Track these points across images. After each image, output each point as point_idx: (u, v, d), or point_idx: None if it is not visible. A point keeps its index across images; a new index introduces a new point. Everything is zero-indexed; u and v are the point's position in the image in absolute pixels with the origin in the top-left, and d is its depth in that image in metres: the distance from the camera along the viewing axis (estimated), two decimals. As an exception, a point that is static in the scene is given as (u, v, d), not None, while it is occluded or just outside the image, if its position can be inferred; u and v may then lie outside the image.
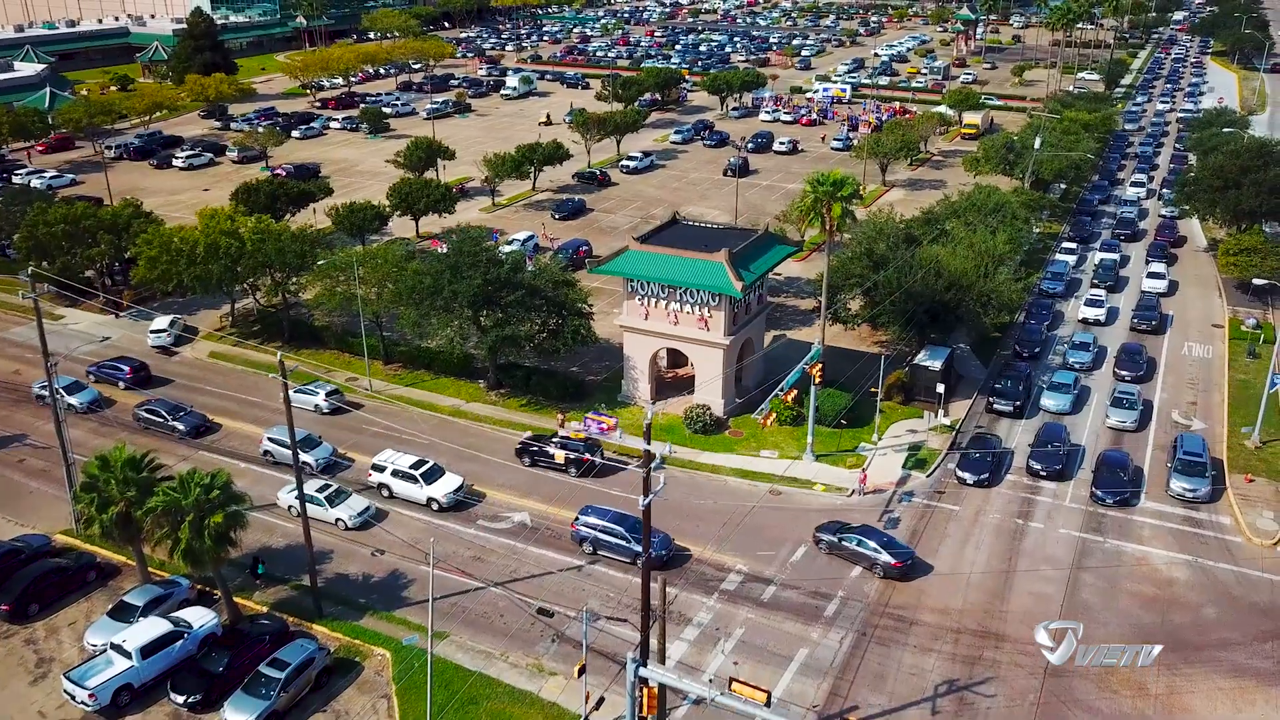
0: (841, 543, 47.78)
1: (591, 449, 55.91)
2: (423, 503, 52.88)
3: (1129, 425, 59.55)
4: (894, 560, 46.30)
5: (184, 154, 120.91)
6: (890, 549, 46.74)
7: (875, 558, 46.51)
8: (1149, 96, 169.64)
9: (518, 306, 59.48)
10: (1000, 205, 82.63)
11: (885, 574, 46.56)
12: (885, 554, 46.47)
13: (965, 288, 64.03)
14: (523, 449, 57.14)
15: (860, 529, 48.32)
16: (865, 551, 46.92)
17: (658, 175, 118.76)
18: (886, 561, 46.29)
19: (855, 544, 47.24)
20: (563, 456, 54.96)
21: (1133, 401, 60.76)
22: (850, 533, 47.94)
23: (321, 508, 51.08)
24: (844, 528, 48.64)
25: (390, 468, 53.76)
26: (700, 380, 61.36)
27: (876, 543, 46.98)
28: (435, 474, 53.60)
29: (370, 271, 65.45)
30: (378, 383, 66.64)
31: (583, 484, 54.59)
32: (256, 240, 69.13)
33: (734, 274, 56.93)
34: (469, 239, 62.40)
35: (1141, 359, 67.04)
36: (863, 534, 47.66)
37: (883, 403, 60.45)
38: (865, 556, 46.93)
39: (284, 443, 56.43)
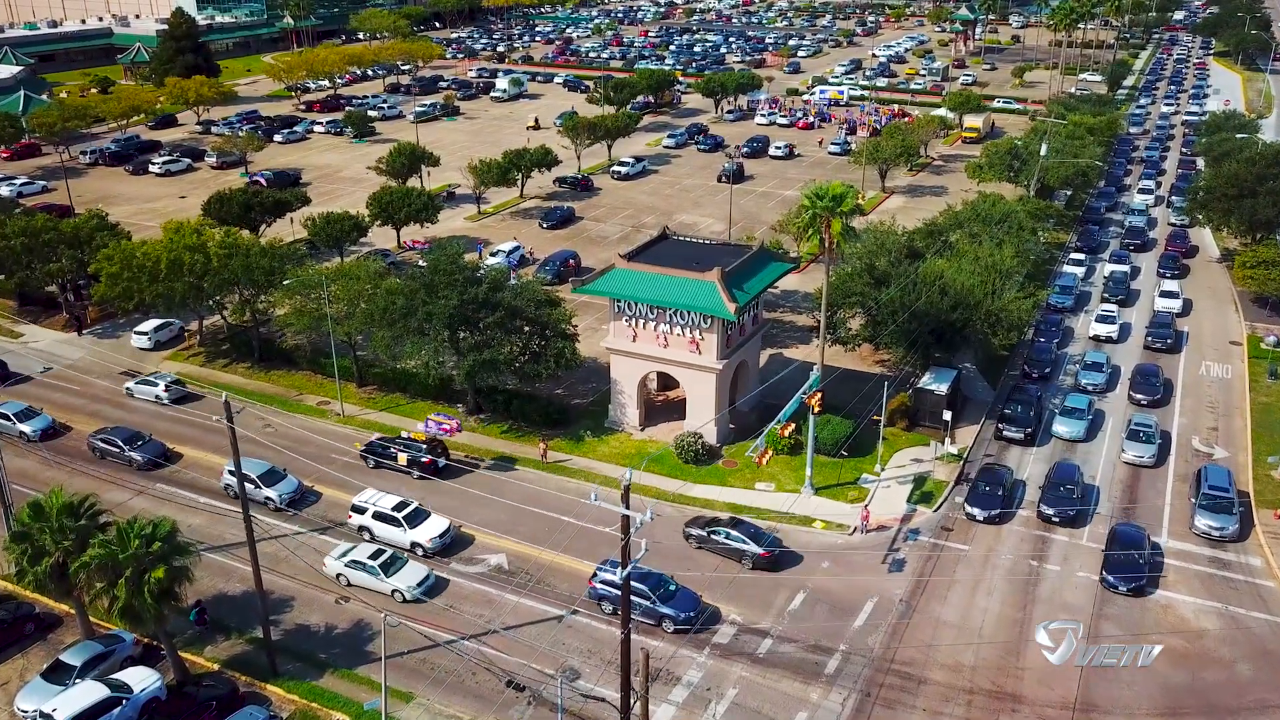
0: (711, 537, 47.73)
1: (434, 449, 54.93)
2: (406, 548, 48.47)
3: (1146, 460, 55.59)
4: (762, 550, 46.40)
5: (160, 160, 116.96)
6: (758, 539, 46.82)
7: (744, 549, 46.49)
8: (1152, 98, 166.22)
9: (496, 328, 55.77)
10: (1006, 215, 79.17)
11: (755, 564, 46.55)
12: (753, 545, 46.46)
13: (972, 306, 60.47)
14: (368, 450, 56.12)
15: (729, 522, 48.29)
16: (734, 544, 46.89)
17: (650, 181, 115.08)
18: (755, 552, 46.37)
19: (724, 537, 47.24)
20: (405, 459, 54.33)
21: (1150, 434, 56.59)
22: (719, 526, 47.95)
23: (374, 576, 45.08)
24: (713, 521, 48.61)
25: (371, 509, 49.56)
26: (692, 406, 57.71)
27: (745, 534, 46.92)
28: (419, 517, 49.32)
29: (341, 289, 61.71)
30: (350, 407, 62.90)
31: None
32: (223, 256, 65.43)
33: (727, 295, 53.27)
34: (445, 256, 58.66)
35: (1157, 381, 63.46)
36: (731, 527, 47.73)
37: (886, 429, 56.85)
38: (735, 549, 46.88)
39: (247, 476, 52.84)
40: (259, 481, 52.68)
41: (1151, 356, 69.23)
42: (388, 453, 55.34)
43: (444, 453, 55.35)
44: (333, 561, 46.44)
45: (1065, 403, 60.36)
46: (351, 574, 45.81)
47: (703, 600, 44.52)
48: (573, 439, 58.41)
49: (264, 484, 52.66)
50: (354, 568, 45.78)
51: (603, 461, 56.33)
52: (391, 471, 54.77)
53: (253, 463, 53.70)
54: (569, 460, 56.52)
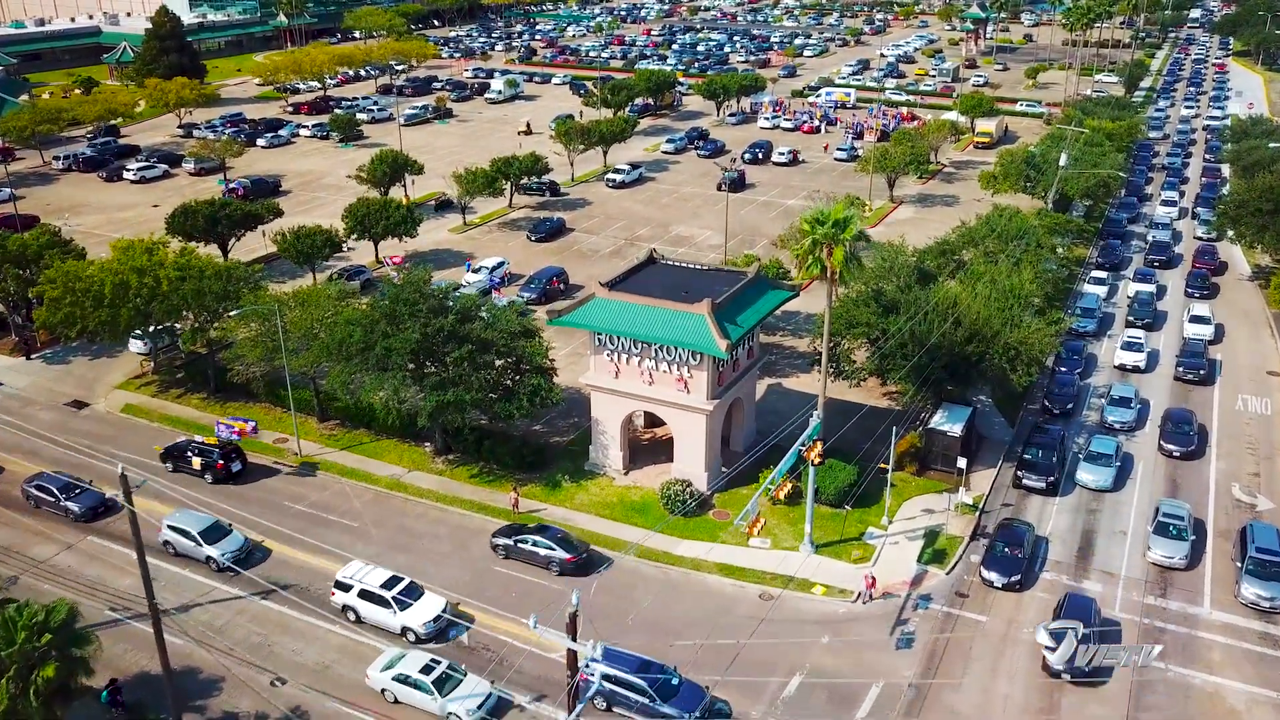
0: (518, 545, 47.02)
1: (228, 454, 53.94)
2: (396, 632, 42.39)
3: (1178, 562, 46.06)
4: (568, 556, 45.89)
5: (135, 166, 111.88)
6: (564, 545, 46.33)
7: (550, 555, 46.01)
8: (1171, 100, 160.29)
9: (463, 364, 50.45)
10: (1023, 231, 73.70)
11: (561, 570, 45.83)
12: (560, 551, 45.96)
13: (988, 338, 55.03)
14: (166, 454, 55.09)
15: (535, 529, 47.75)
16: (540, 551, 46.39)
17: (646, 189, 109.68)
18: (561, 558, 45.88)
19: (531, 544, 46.70)
20: (199, 462, 53.37)
21: (1182, 529, 47.01)
22: (526, 534, 47.34)
23: (429, 696, 38.14)
24: (519, 529, 48.00)
25: (357, 586, 43.43)
26: (680, 449, 52.39)
27: (551, 540, 46.52)
28: (411, 595, 43.12)
29: (299, 317, 56.47)
30: (309, 445, 57.69)
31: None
32: (175, 278, 60.29)
33: (717, 330, 47.95)
34: (410, 283, 53.37)
35: (1191, 430, 56.83)
36: (537, 534, 47.16)
37: (894, 474, 51.52)
38: (540, 556, 46.35)
39: (188, 533, 47.61)
40: (200, 538, 47.34)
41: (1182, 390, 63.66)
42: (185, 457, 54.17)
43: (239, 457, 54.55)
44: (377, 675, 39.43)
45: (1090, 447, 54.78)
46: (400, 690, 39.05)
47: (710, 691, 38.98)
48: (549, 485, 53.15)
49: (205, 541, 47.31)
50: (402, 683, 39.03)
51: (581, 512, 51.04)
52: (189, 476, 53.85)
53: (194, 516, 48.58)
54: (543, 510, 51.24)
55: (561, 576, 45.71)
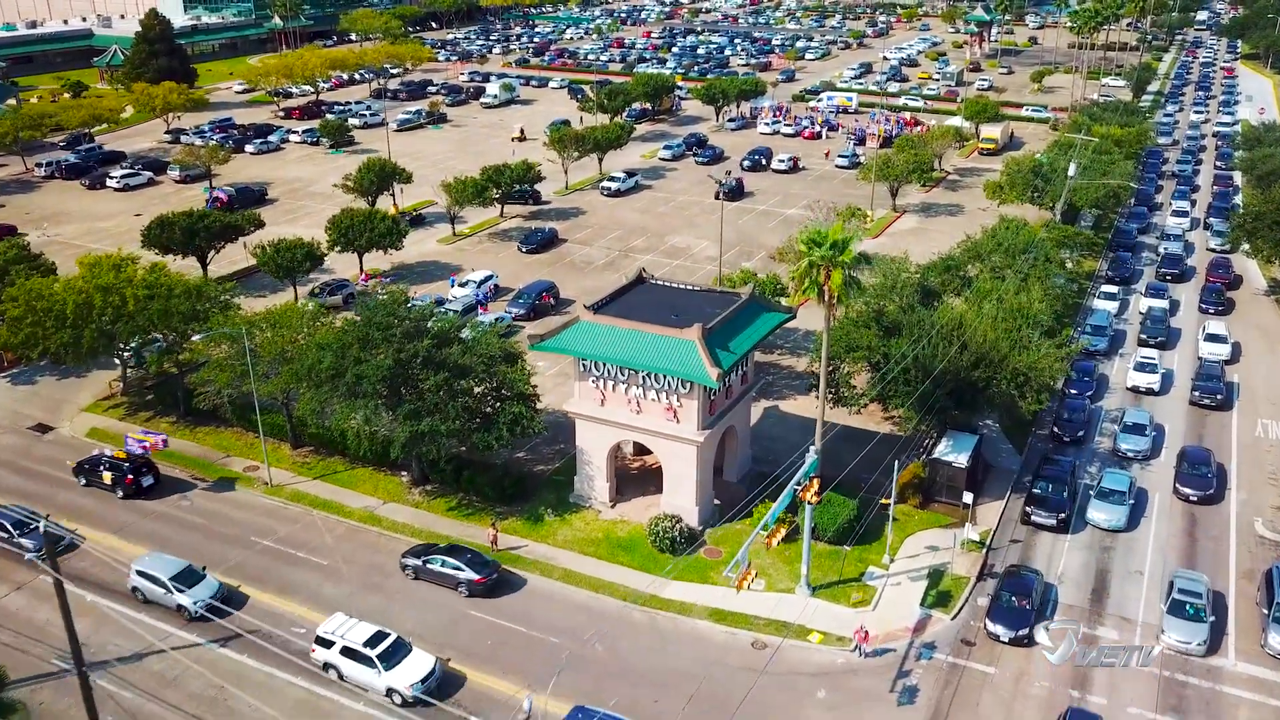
0: (426, 565, 45.69)
1: (139, 469, 52.60)
2: (381, 693, 39.28)
3: (1195, 648, 40.94)
4: (477, 577, 44.59)
5: (119, 174, 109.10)
6: (474, 566, 44.96)
7: (458, 576, 44.76)
8: (1180, 105, 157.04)
9: (439, 391, 47.55)
10: (1030, 244, 70.79)
11: (470, 592, 44.58)
12: (469, 571, 44.67)
13: (996, 363, 52.09)
14: (78, 468, 53.93)
15: (446, 549, 46.30)
16: (449, 571, 45.06)
17: (642, 198, 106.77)
18: (470, 579, 44.60)
19: (439, 565, 45.35)
20: (110, 477, 52.16)
21: (1199, 609, 41.79)
22: (435, 554, 45.92)
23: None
24: (429, 549, 46.57)
25: (339, 643, 40.27)
26: (669, 482, 49.49)
27: (461, 561, 45.15)
28: (398, 653, 40.00)
29: (271, 339, 53.60)
30: (280, 473, 54.82)
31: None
32: (143, 297, 57.52)
33: (708, 357, 45.07)
34: (383, 305, 50.47)
35: (1209, 472, 52.33)
36: (447, 554, 45.77)
37: (896, 506, 48.63)
38: (450, 577, 45.05)
39: (158, 579, 44.21)
40: (170, 585, 43.97)
41: (1198, 415, 60.57)
42: (97, 471, 52.94)
43: (151, 471, 53.21)
44: None
45: (1102, 482, 51.49)
46: None
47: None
48: (531, 518, 50.26)
49: (176, 587, 43.91)
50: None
51: (564, 549, 48.13)
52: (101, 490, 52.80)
53: (164, 560, 45.37)
54: (524, 547, 48.33)
55: (470, 598, 44.64)
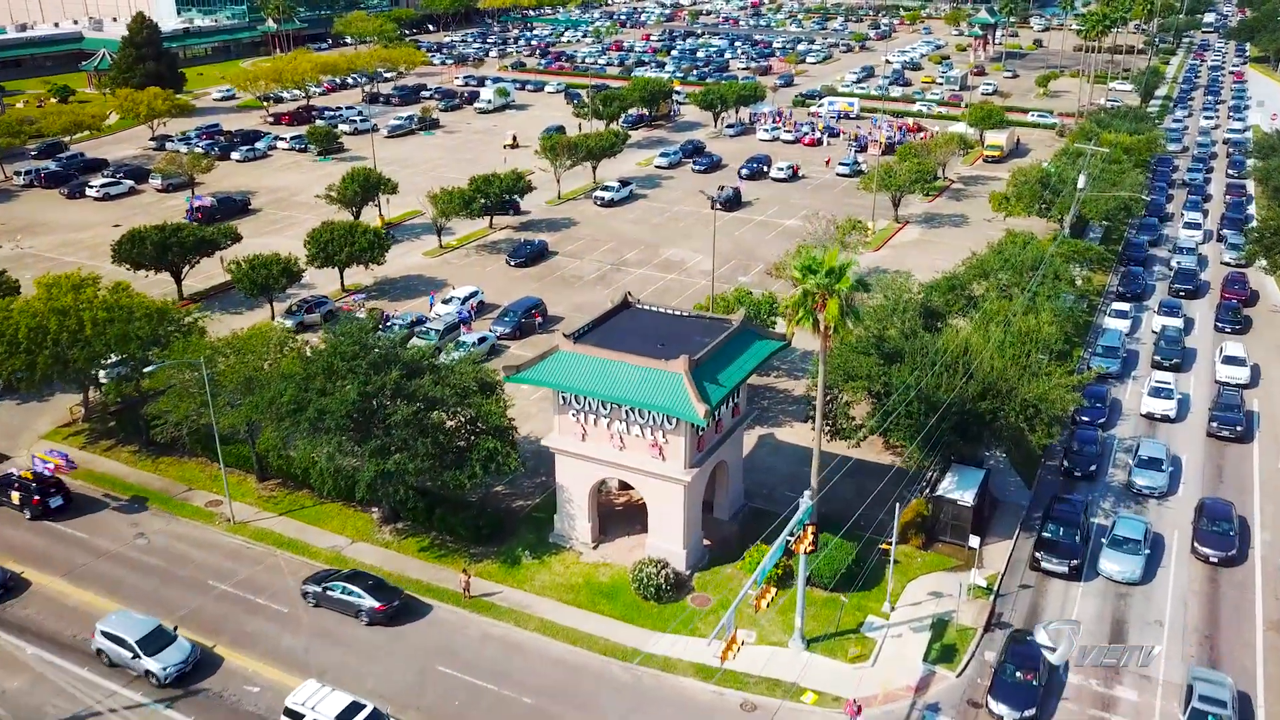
0: (327, 592, 43.88)
1: (46, 489, 50.88)
2: None
3: None
4: (378, 604, 42.92)
5: (99, 182, 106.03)
6: (376, 593, 43.27)
7: (359, 604, 43.11)
8: (1189, 110, 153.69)
9: (407, 427, 44.39)
10: (1039, 261, 67.60)
11: (371, 620, 43.04)
12: (369, 599, 42.98)
13: (1004, 394, 48.86)
14: None
15: (348, 575, 44.64)
16: (349, 599, 43.35)
17: (637, 207, 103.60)
18: (370, 607, 42.98)
19: (341, 592, 43.61)
20: (18, 497, 50.67)
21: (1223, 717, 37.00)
22: (336, 580, 44.20)
23: None
24: (330, 575, 44.83)
25: (309, 715, 36.83)
26: (655, 523, 46.31)
27: (362, 588, 43.37)
28: None
29: (234, 366, 50.44)
30: (244, 508, 51.68)
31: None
32: (103, 320, 54.42)
33: (695, 392, 41.89)
34: (348, 334, 47.27)
35: (1231, 530, 47.42)
36: (348, 580, 44.10)
37: (898, 547, 45.45)
38: (350, 604, 43.38)
39: (124, 641, 40.56)
40: (138, 648, 40.38)
41: (1216, 448, 57.16)
42: (5, 491, 51.43)
43: (60, 492, 51.48)
44: None
45: (1115, 529, 47.65)
46: None
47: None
48: (507, 561, 47.08)
49: (144, 651, 40.32)
50: None
51: (542, 596, 44.94)
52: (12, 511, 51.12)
53: (132, 620, 41.76)
54: (499, 594, 45.14)
55: (371, 626, 43.04)
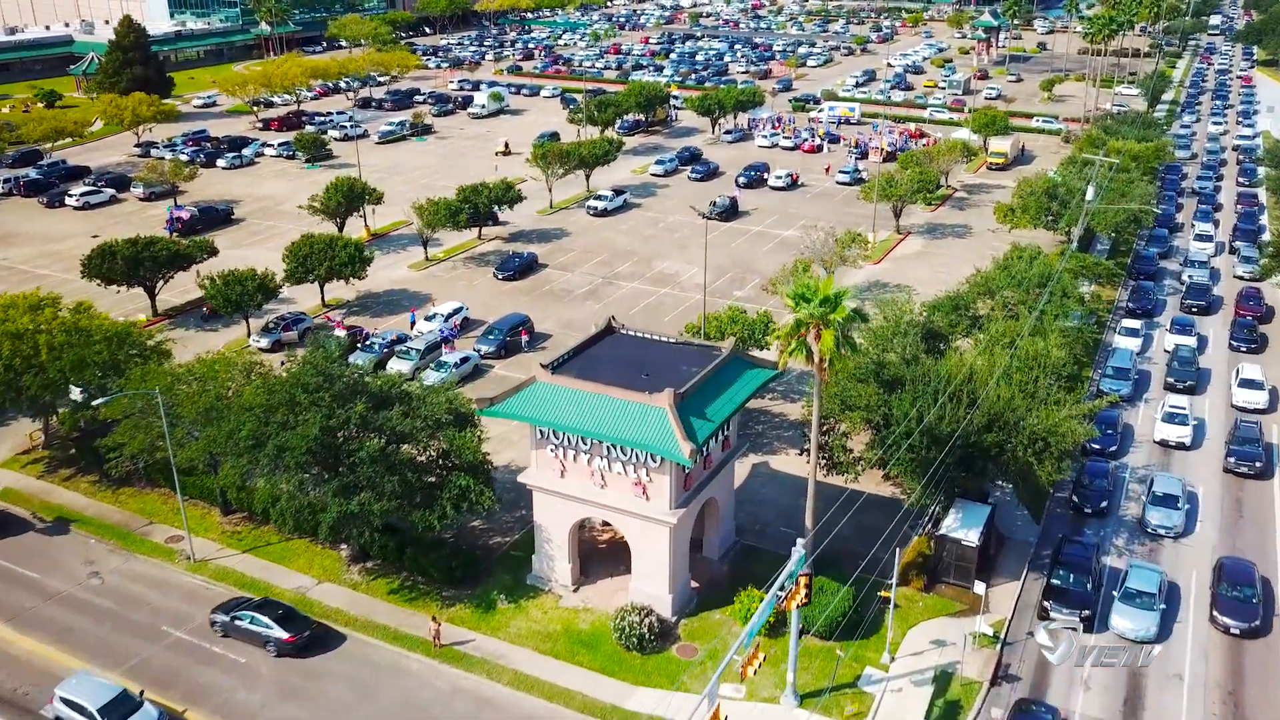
0: (235, 622, 42.03)
1: None
2: None
3: None
4: (287, 635, 41.07)
5: (79, 191, 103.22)
6: (285, 623, 41.34)
7: (267, 634, 41.28)
8: (1197, 115, 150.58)
9: (372, 465, 41.52)
10: (1046, 277, 64.73)
11: (279, 651, 41.14)
12: (279, 629, 41.12)
13: (1011, 425, 45.93)
14: None
15: (258, 604, 42.68)
16: (257, 629, 41.56)
17: (630, 217, 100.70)
18: (279, 638, 41.10)
19: (248, 622, 41.74)
20: None
21: None
22: (245, 609, 42.28)
23: None
24: (240, 603, 42.98)
25: None
26: (639, 565, 43.40)
27: (271, 617, 41.47)
28: None
29: (191, 396, 47.55)
30: (206, 544, 48.85)
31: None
32: (61, 344, 51.58)
33: (680, 429, 39.00)
34: (312, 363, 44.38)
35: (1254, 596, 42.84)
36: (258, 609, 42.15)
37: (899, 590, 42.57)
38: (258, 635, 41.56)
39: (84, 709, 37.33)
40: (99, 716, 37.13)
41: (1235, 483, 53.97)
42: None
43: None
44: None
45: (1128, 581, 44.13)
46: None
47: None
48: (481, 605, 44.19)
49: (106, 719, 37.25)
50: None
51: (518, 645, 42.05)
52: None
53: (94, 685, 38.56)
54: (471, 642, 42.26)
55: (280, 658, 41.17)
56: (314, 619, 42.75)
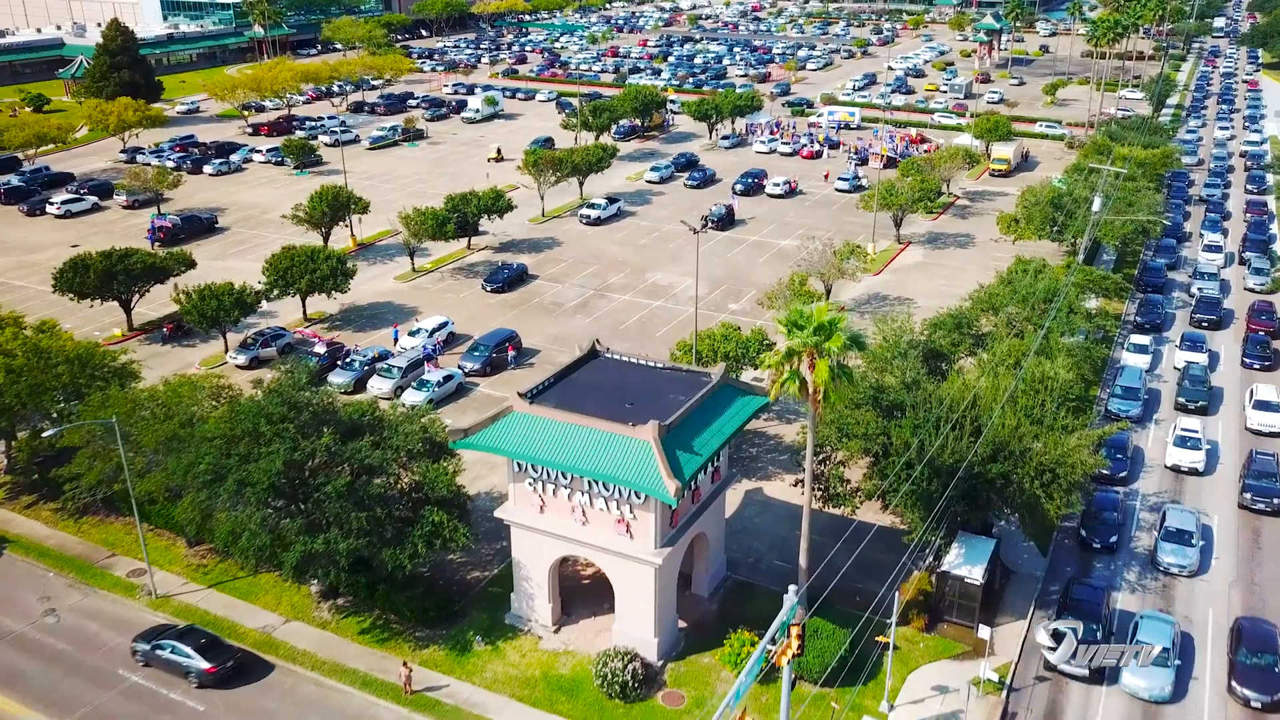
0: (155, 651, 40.37)
1: None
2: None
3: None
4: (208, 666, 39.37)
5: (60, 199, 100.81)
6: (207, 652, 39.60)
7: (188, 664, 39.58)
8: (1203, 120, 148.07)
9: (339, 500, 39.08)
10: (1052, 293, 62.33)
11: (201, 683, 39.55)
12: (199, 660, 39.47)
13: (1017, 455, 43.45)
14: None
15: (180, 632, 41.10)
16: (178, 659, 39.82)
17: (624, 226, 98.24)
18: (199, 668, 39.45)
19: (169, 652, 40.02)
20: None
21: None
22: (167, 638, 40.65)
23: None
24: (162, 631, 41.36)
25: None
26: (623, 607, 40.94)
27: (193, 646, 39.85)
28: None
29: (149, 424, 45.11)
30: (170, 578, 46.40)
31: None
32: (21, 367, 49.16)
33: (665, 465, 36.55)
34: (277, 391, 41.91)
35: (1275, 664, 39.14)
36: (179, 638, 40.51)
37: (898, 630, 40.14)
38: (179, 665, 39.83)
39: None
40: None
41: (1251, 520, 51.21)
42: None
43: None
44: None
45: (1139, 634, 40.65)
46: None
47: None
48: (456, 647, 41.73)
49: None
50: None
51: (494, 692, 39.59)
52: None
53: None
54: (445, 688, 39.77)
55: (201, 689, 39.57)
56: (238, 647, 41.18)
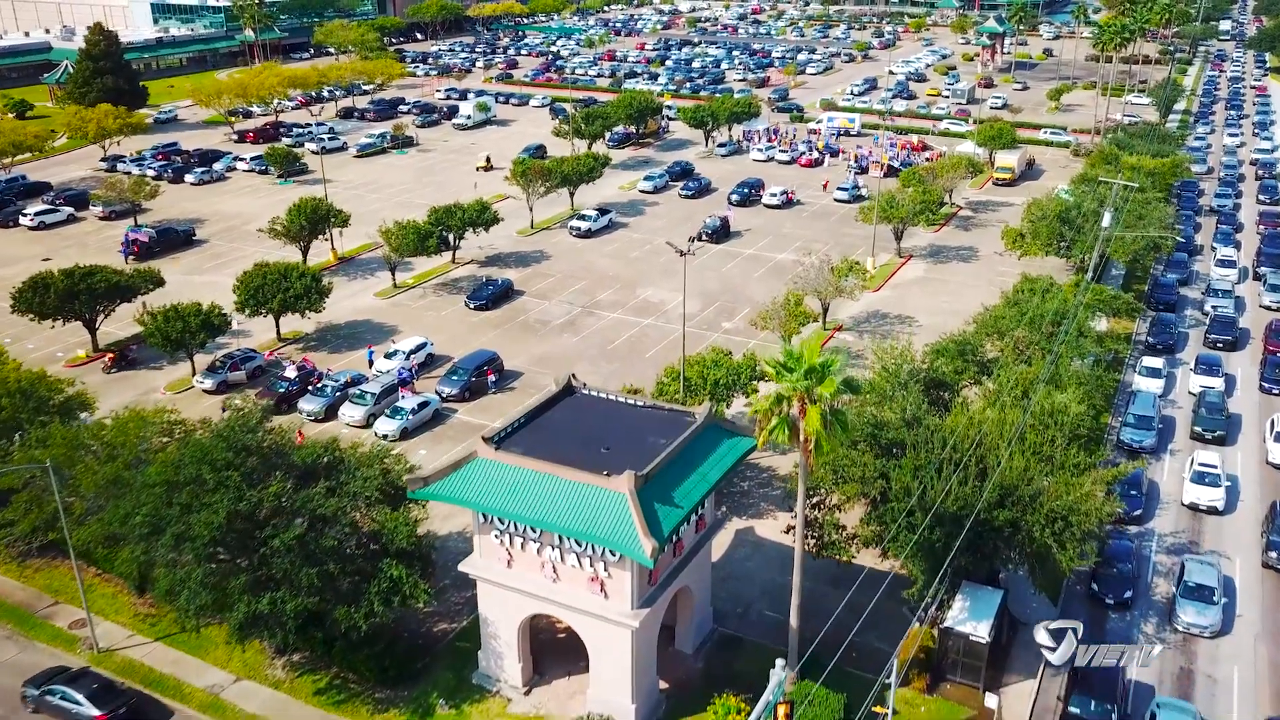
0: (45, 697, 38.29)
1: None
2: None
3: None
4: (98, 713, 37.31)
5: (34, 210, 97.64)
6: (98, 699, 37.58)
7: (79, 711, 37.38)
8: (1211, 127, 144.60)
9: (287, 555, 35.82)
10: (1061, 314, 59.00)
11: None
12: (89, 707, 37.40)
13: (1027, 501, 40.12)
14: None
15: (71, 676, 38.91)
16: (67, 705, 37.68)
17: (616, 238, 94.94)
18: (89, 715, 37.29)
19: (59, 698, 37.88)
20: None
21: None
22: (58, 682, 38.54)
23: None
24: (54, 675, 39.20)
25: None
26: (598, 670, 37.64)
27: (84, 692, 37.76)
28: None
29: (90, 466, 41.88)
30: (115, 630, 43.16)
31: None
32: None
33: (642, 522, 33.26)
34: (222, 435, 38.56)
35: None
36: (70, 683, 38.35)
37: (898, 691, 36.80)
38: (67, 711, 37.68)
39: None
40: None
41: (1276, 581, 47.47)
42: None
43: None
44: None
45: (1157, 711, 37.50)
46: None
47: None
48: (418, 711, 38.46)
49: None
50: None
51: (454, 763, 36.41)
52: None
53: None
54: (402, 760, 36.62)
55: None
56: (133, 689, 39.31)
